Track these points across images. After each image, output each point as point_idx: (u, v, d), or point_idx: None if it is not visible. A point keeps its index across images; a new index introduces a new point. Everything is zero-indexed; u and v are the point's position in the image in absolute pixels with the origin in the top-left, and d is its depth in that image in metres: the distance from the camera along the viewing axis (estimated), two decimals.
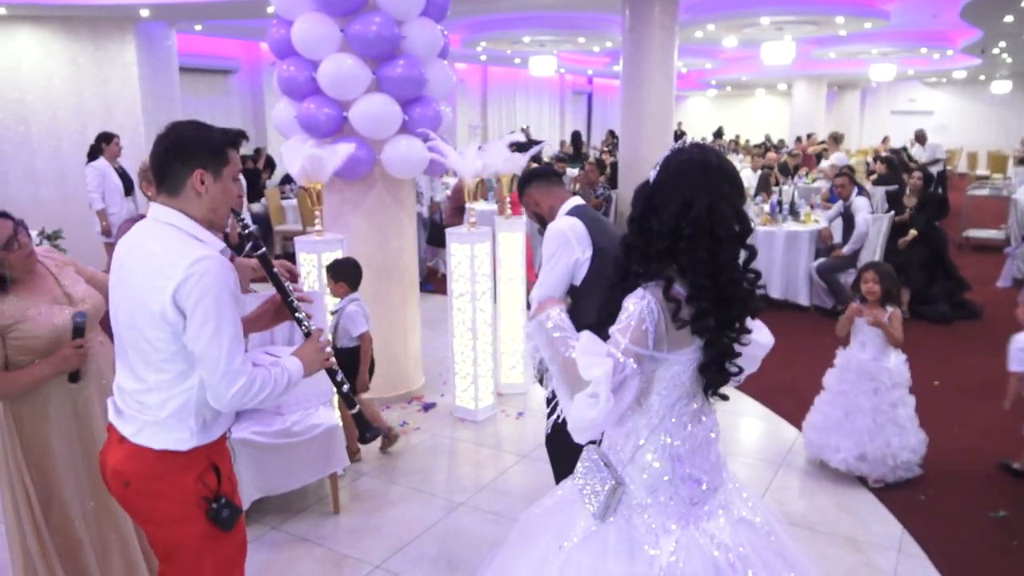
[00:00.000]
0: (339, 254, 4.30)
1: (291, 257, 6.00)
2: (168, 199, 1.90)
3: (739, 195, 1.78)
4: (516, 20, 12.11)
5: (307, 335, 2.11)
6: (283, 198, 10.33)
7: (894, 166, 10.83)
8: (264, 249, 2.13)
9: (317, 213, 4.29)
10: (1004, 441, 4.30)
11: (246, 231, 2.12)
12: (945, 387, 5.22)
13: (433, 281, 8.40)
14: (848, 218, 7.10)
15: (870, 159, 13.67)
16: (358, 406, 2.16)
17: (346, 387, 2.15)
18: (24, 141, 8.90)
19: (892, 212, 7.57)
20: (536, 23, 12.23)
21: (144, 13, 8.76)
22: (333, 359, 2.13)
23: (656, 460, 1.81)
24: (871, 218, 6.91)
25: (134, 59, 9.16)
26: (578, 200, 3.01)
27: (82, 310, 2.48)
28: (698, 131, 24.17)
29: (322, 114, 4.37)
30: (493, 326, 4.84)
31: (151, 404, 1.88)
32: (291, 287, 2.15)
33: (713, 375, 1.79)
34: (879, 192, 9.84)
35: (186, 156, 1.88)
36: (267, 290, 2.43)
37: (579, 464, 1.93)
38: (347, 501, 3.73)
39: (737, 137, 21.99)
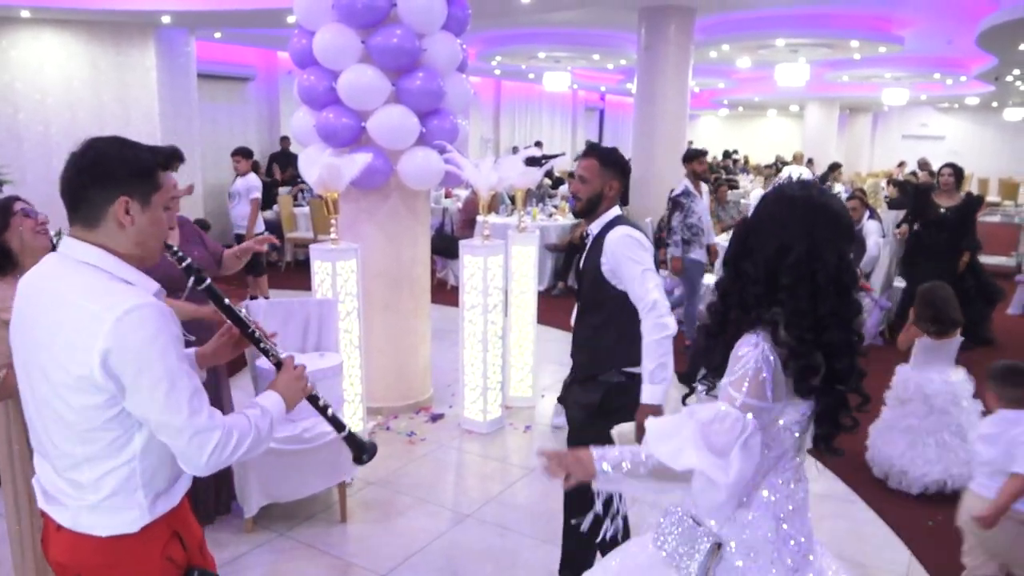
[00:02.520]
0: (353, 263, 4.33)
1: (303, 265, 6.01)
2: (84, 232, 1.56)
3: (846, 240, 1.62)
4: (532, 36, 12.20)
5: (278, 365, 1.86)
6: (295, 205, 10.39)
7: (907, 190, 10.82)
8: (209, 281, 1.88)
9: (333, 222, 4.32)
10: None
11: (183, 264, 1.84)
12: None
13: (441, 293, 8.42)
14: (859, 241, 7.09)
15: (883, 182, 13.66)
16: (348, 427, 1.99)
17: (331, 411, 1.95)
18: (43, 141, 9.01)
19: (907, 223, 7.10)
20: (552, 39, 12.31)
21: (165, 20, 8.87)
22: (313, 384, 1.91)
23: (758, 519, 1.64)
24: (882, 242, 6.89)
25: (154, 64, 9.27)
26: (619, 209, 2.82)
27: None
28: (709, 151, 24.22)
29: (341, 124, 4.41)
30: (503, 339, 4.85)
31: (84, 483, 1.55)
32: (246, 314, 1.88)
33: (827, 427, 1.66)
34: (891, 216, 9.82)
35: (107, 180, 1.55)
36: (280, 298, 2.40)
37: (662, 525, 1.77)
38: (354, 510, 3.74)
39: (746, 158, 22.03)
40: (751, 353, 1.55)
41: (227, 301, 1.86)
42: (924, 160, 14.96)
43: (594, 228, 2.79)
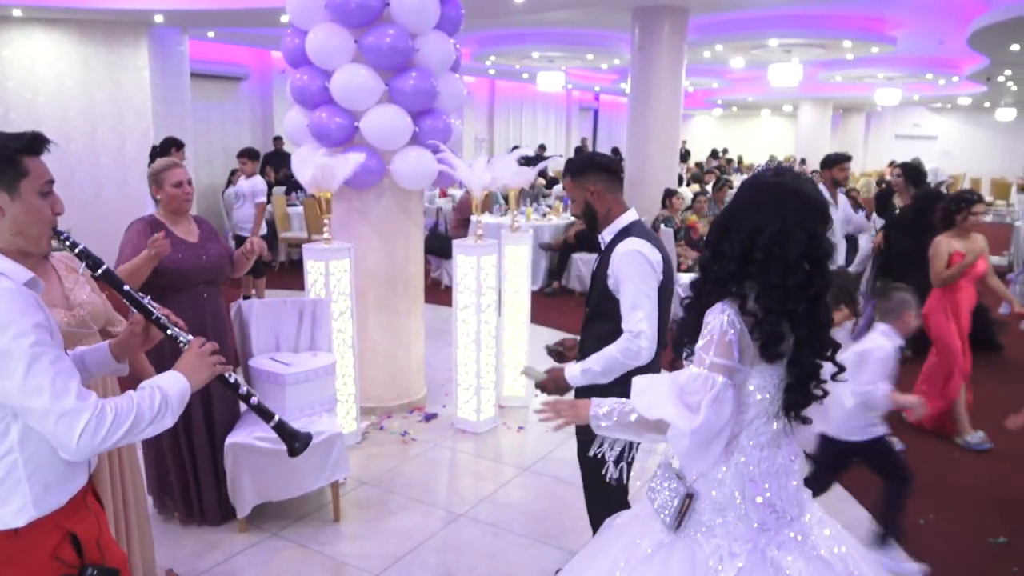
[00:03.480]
0: (346, 263, 4.33)
1: (297, 264, 5.97)
2: None
3: (818, 220, 1.74)
4: (526, 36, 12.21)
5: (186, 347, 1.81)
6: (288, 205, 10.37)
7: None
8: (106, 266, 1.81)
9: (326, 221, 4.32)
10: (1007, 466, 4.31)
11: (75, 250, 1.78)
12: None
13: (435, 292, 8.42)
14: (851, 240, 7.12)
15: (875, 182, 13.73)
16: (276, 417, 1.89)
17: (255, 399, 1.87)
18: None
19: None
20: (546, 39, 12.33)
21: (158, 19, 8.85)
22: (226, 366, 1.83)
23: (727, 478, 1.77)
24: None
25: (146, 63, 9.24)
26: (635, 214, 2.70)
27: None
28: (702, 150, 24.29)
29: (334, 123, 4.41)
30: (497, 338, 4.86)
31: None
32: (149, 301, 1.84)
33: (795, 395, 1.75)
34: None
35: None
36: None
37: (653, 477, 1.93)
38: (347, 509, 3.73)
39: (740, 157, 22.09)
40: (717, 318, 1.72)
41: (126, 287, 1.80)
42: (917, 160, 14.96)
43: (606, 235, 2.66)
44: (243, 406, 3.74)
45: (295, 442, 1.90)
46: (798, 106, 21.61)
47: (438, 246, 8.55)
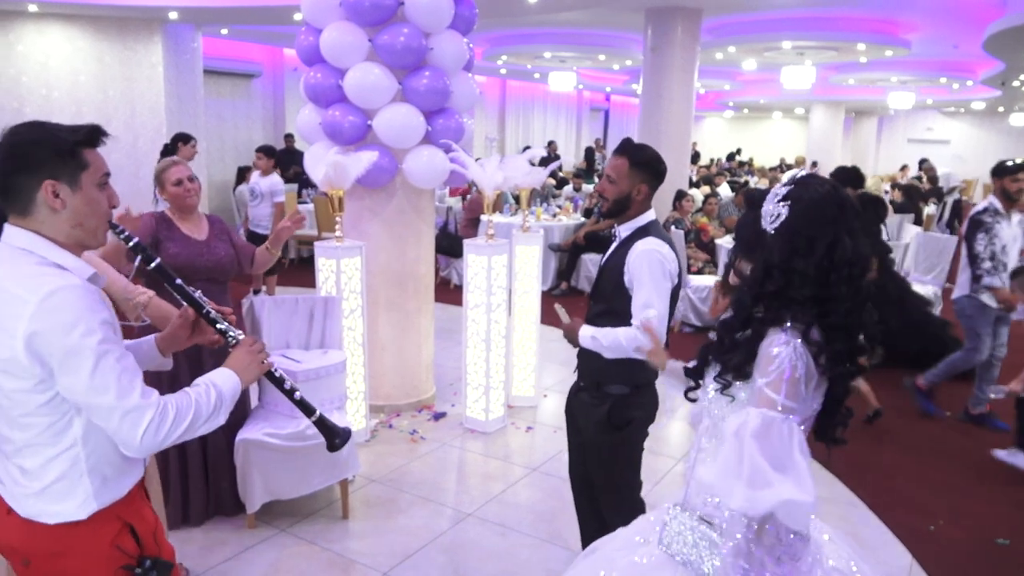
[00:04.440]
0: (358, 261, 4.34)
1: (308, 262, 5.95)
2: (19, 219, 1.56)
3: (858, 228, 1.66)
4: (538, 35, 12.20)
5: (236, 344, 1.83)
6: (300, 202, 10.40)
7: (911, 194, 10.82)
8: (159, 260, 1.83)
9: (338, 219, 4.33)
10: (1016, 471, 4.28)
11: (130, 243, 1.80)
12: (955, 419, 5.19)
13: (445, 292, 8.43)
14: None
15: (887, 185, 13.65)
16: (318, 411, 1.94)
17: (298, 394, 1.90)
18: None
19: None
20: (558, 39, 12.31)
21: (172, 16, 8.88)
22: (272, 361, 1.87)
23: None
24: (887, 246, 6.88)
25: (160, 60, 9.28)
26: (654, 214, 2.73)
27: None
28: (714, 152, 24.22)
29: (347, 122, 4.42)
30: (507, 338, 4.86)
31: (29, 469, 1.56)
32: (201, 295, 1.86)
33: (834, 419, 1.69)
34: (895, 220, 9.82)
35: (29, 166, 1.52)
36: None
37: (668, 526, 1.76)
38: (356, 507, 3.74)
39: (751, 160, 22.01)
40: (784, 351, 1.56)
41: (179, 281, 1.83)
42: (929, 166, 14.85)
43: (623, 231, 2.66)
44: (254, 402, 3.76)
45: (335, 438, 1.92)
46: (810, 109, 21.51)
47: (448, 245, 8.56)
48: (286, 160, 11.94)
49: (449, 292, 8.19)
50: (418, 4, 4.31)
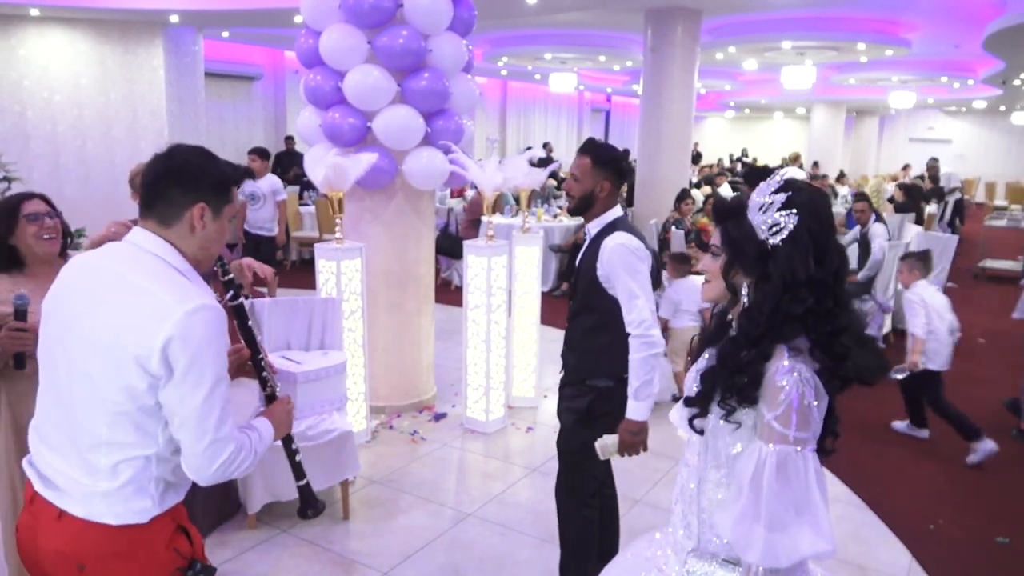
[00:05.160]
0: (358, 262, 4.35)
1: (308, 264, 5.94)
2: (158, 227, 1.65)
3: None
4: (538, 37, 12.22)
5: (272, 397, 1.93)
6: (301, 204, 10.42)
7: (913, 194, 10.82)
8: (242, 300, 1.93)
9: (338, 221, 4.34)
10: (1014, 472, 4.28)
11: (226, 277, 1.90)
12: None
13: (446, 293, 8.44)
14: (864, 244, 7.09)
15: (889, 185, 13.64)
16: (306, 479, 2.01)
17: (299, 457, 1.98)
18: (50, 139, 9.07)
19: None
20: (558, 40, 12.33)
21: (174, 19, 8.91)
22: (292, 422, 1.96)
23: None
24: (887, 245, 6.90)
25: (161, 63, 9.32)
26: (620, 210, 2.76)
27: (23, 292, 2.33)
28: (715, 152, 24.23)
29: (346, 124, 4.43)
30: (507, 339, 4.87)
31: (101, 467, 1.57)
32: (261, 341, 1.94)
33: (830, 427, 1.60)
34: (896, 219, 9.82)
35: (190, 184, 1.65)
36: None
37: (689, 567, 1.68)
38: (357, 507, 3.75)
39: (755, 160, 22.01)
40: (790, 381, 1.48)
41: (249, 323, 1.93)
42: (932, 164, 14.76)
43: (592, 229, 2.74)
44: (256, 401, 3.77)
45: (310, 508, 2.03)
46: (811, 109, 21.51)
47: (448, 246, 8.57)
48: (286, 162, 11.98)
49: (450, 293, 8.20)
50: (417, 6, 4.32)
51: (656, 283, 2.73)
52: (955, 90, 17.23)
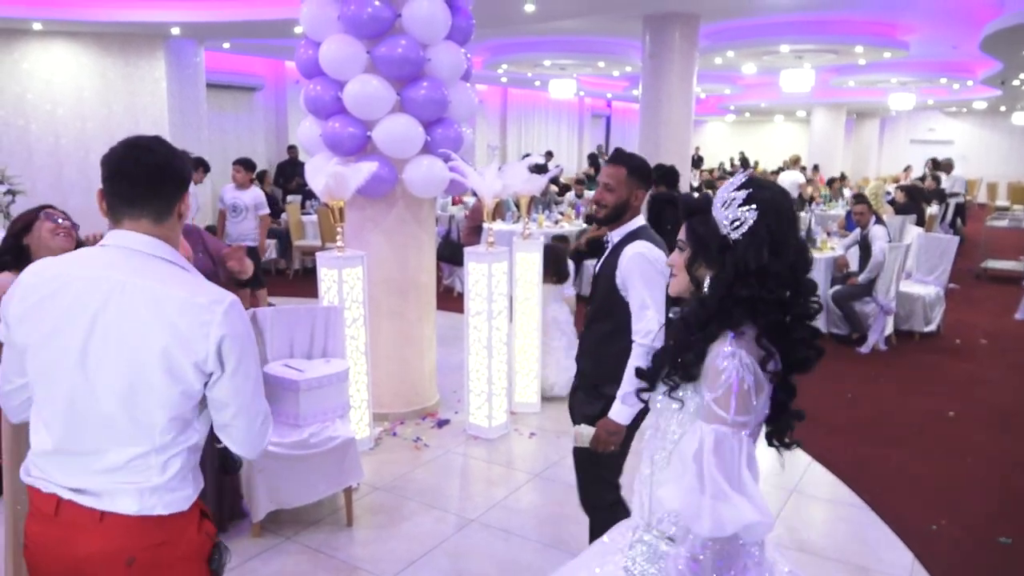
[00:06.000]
0: (359, 270, 4.38)
1: (311, 272, 5.97)
2: (151, 226, 1.63)
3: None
4: (538, 44, 12.27)
5: None
6: (303, 213, 10.47)
7: (914, 195, 10.83)
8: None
9: (339, 230, 4.37)
10: (1017, 472, 4.29)
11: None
12: (959, 418, 5.19)
13: (448, 300, 8.46)
14: (865, 246, 7.11)
15: (890, 187, 13.64)
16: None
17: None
18: (53, 152, 9.13)
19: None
20: (557, 47, 12.38)
21: (175, 31, 8.99)
22: None
23: None
24: (888, 247, 6.92)
25: (163, 75, 9.39)
26: (644, 219, 2.78)
27: None
28: (716, 156, 24.26)
29: (346, 133, 4.47)
30: (508, 345, 4.89)
31: (152, 466, 1.61)
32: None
33: (781, 422, 1.68)
34: (897, 221, 9.83)
35: (180, 177, 1.67)
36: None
37: (633, 547, 1.76)
38: (360, 514, 3.77)
39: (756, 163, 22.04)
40: (730, 364, 1.55)
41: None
42: (948, 161, 14.64)
43: (615, 236, 2.75)
44: None
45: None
46: (811, 111, 21.54)
47: (450, 253, 8.60)
48: (289, 172, 12.02)
49: (453, 300, 8.22)
50: (415, 16, 4.36)
51: None
52: (955, 91, 17.25)
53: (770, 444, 1.72)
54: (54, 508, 1.62)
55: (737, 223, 1.60)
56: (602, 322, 2.74)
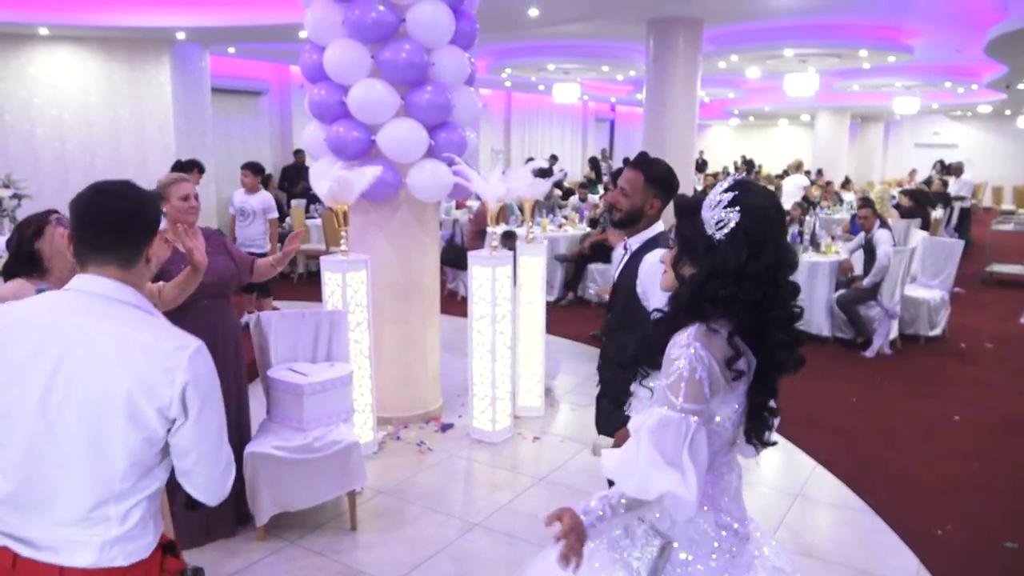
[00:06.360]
0: (363, 274, 4.39)
1: (315, 276, 6.01)
2: (118, 271, 1.62)
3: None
4: (541, 48, 12.28)
5: None
6: (307, 217, 10.49)
7: (919, 199, 10.80)
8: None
9: (343, 233, 4.38)
10: (1022, 476, 4.27)
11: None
12: (965, 422, 5.18)
13: (452, 304, 8.47)
14: (870, 250, 7.10)
15: (895, 191, 13.62)
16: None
17: None
18: (60, 156, 9.17)
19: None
20: (561, 51, 12.39)
21: (180, 36, 9.02)
22: None
23: (700, 513, 1.72)
24: (892, 251, 6.90)
25: (168, 79, 9.42)
26: (663, 225, 2.75)
27: (47, 285, 2.38)
28: (720, 160, 24.24)
29: (351, 137, 4.48)
30: (512, 349, 4.89)
31: (111, 516, 1.56)
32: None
33: (758, 420, 1.72)
34: (902, 224, 9.81)
35: (149, 222, 1.66)
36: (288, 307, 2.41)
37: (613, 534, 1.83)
38: (364, 518, 3.77)
39: (760, 167, 22.02)
40: (684, 354, 1.62)
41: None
42: (959, 165, 14.53)
43: (633, 243, 2.72)
44: (264, 413, 3.80)
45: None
46: (815, 115, 21.50)
47: (454, 257, 8.60)
48: (294, 176, 12.05)
49: (457, 304, 8.23)
50: (419, 21, 4.37)
51: None
52: (959, 95, 17.21)
53: (748, 441, 1.76)
54: (11, 562, 1.58)
55: (721, 224, 1.65)
56: (624, 332, 2.66)
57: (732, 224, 1.64)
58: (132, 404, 1.52)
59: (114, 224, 1.61)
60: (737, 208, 1.64)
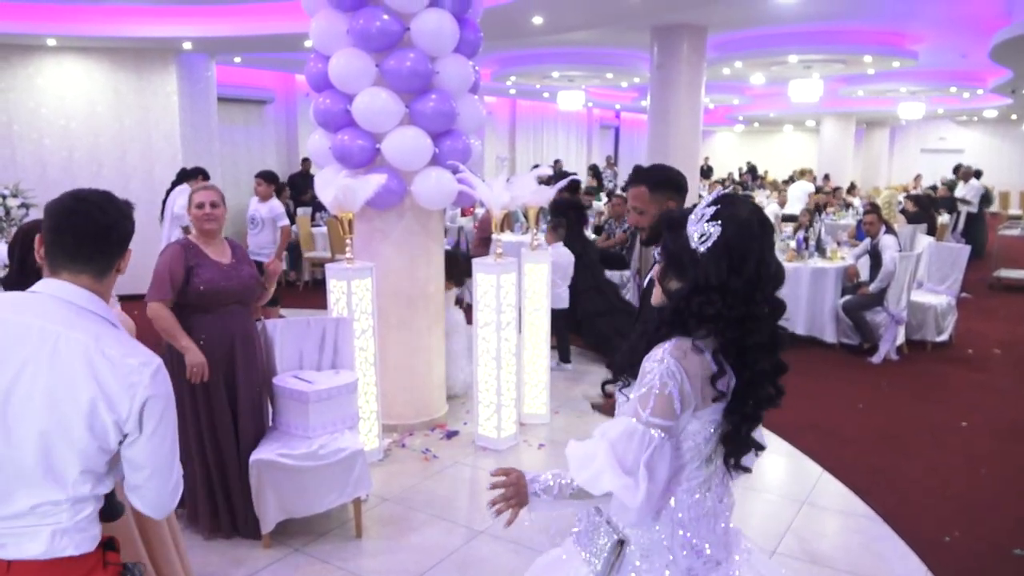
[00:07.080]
0: (368, 282, 4.40)
1: (321, 284, 6.00)
2: (91, 281, 1.64)
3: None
4: (546, 56, 12.32)
5: None
6: (313, 225, 10.52)
7: (924, 204, 10.78)
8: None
9: (348, 241, 4.39)
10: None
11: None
12: (972, 428, 5.15)
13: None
14: (875, 256, 7.08)
15: (901, 196, 13.60)
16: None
17: None
18: (67, 166, 9.23)
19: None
20: (565, 59, 12.42)
21: (186, 46, 9.08)
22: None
23: (656, 523, 1.71)
24: (898, 256, 6.89)
25: (175, 89, 9.47)
26: None
27: None
28: (726, 166, 24.23)
29: (356, 146, 4.50)
30: (517, 356, 4.89)
31: (62, 509, 1.59)
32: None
33: (736, 443, 1.69)
34: (908, 230, 9.79)
35: (126, 235, 1.70)
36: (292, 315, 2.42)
37: (579, 523, 1.89)
38: (369, 526, 3.77)
39: (765, 173, 22.01)
40: (656, 369, 1.61)
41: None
42: (968, 169, 14.41)
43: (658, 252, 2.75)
44: (269, 421, 3.81)
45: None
46: (821, 121, 21.50)
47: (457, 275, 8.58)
48: (300, 184, 12.09)
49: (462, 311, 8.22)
50: (423, 29, 4.40)
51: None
52: (965, 100, 17.18)
53: (724, 462, 1.74)
54: None
55: (703, 237, 1.65)
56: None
57: (714, 237, 1.63)
58: (93, 415, 1.54)
59: (94, 237, 1.64)
60: (719, 221, 1.63)
